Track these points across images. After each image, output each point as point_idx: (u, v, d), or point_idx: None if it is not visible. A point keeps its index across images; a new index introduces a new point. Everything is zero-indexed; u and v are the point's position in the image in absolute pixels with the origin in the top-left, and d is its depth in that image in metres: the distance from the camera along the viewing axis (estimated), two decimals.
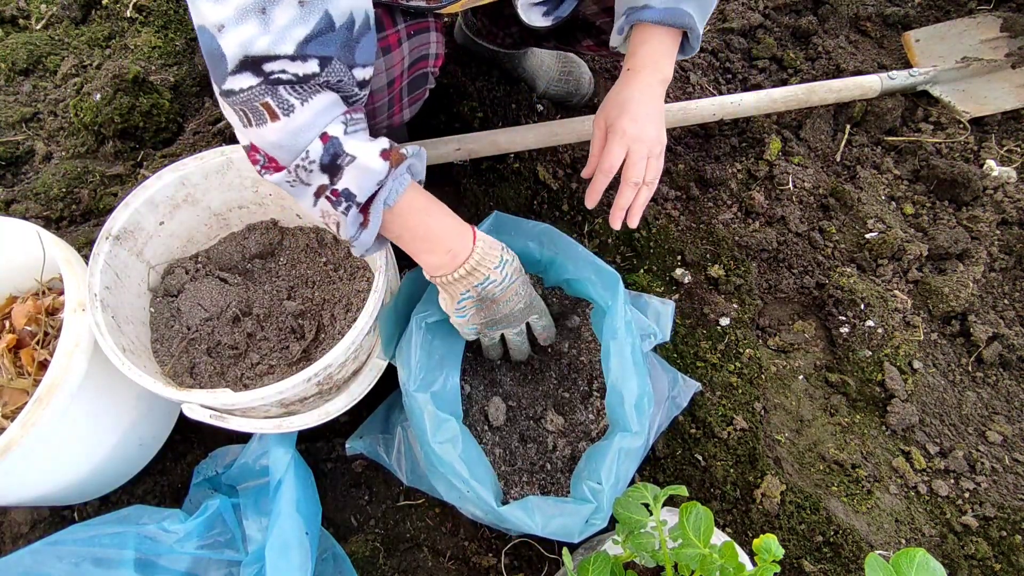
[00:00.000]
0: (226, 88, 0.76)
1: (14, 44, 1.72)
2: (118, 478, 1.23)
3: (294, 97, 0.77)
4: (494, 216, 1.22)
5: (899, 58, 1.87)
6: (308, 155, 0.81)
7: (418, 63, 1.12)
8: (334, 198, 0.85)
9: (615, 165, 1.02)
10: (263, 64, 0.74)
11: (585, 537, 0.99)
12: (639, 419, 1.03)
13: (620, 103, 1.02)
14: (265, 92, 0.76)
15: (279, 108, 0.77)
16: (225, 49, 0.73)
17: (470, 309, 1.03)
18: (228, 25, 0.71)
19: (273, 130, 0.79)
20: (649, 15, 1.00)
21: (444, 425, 1.02)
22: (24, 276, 1.22)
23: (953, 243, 1.54)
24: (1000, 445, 1.36)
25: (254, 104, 0.77)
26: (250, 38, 0.72)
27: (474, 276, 0.98)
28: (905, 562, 0.74)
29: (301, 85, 0.77)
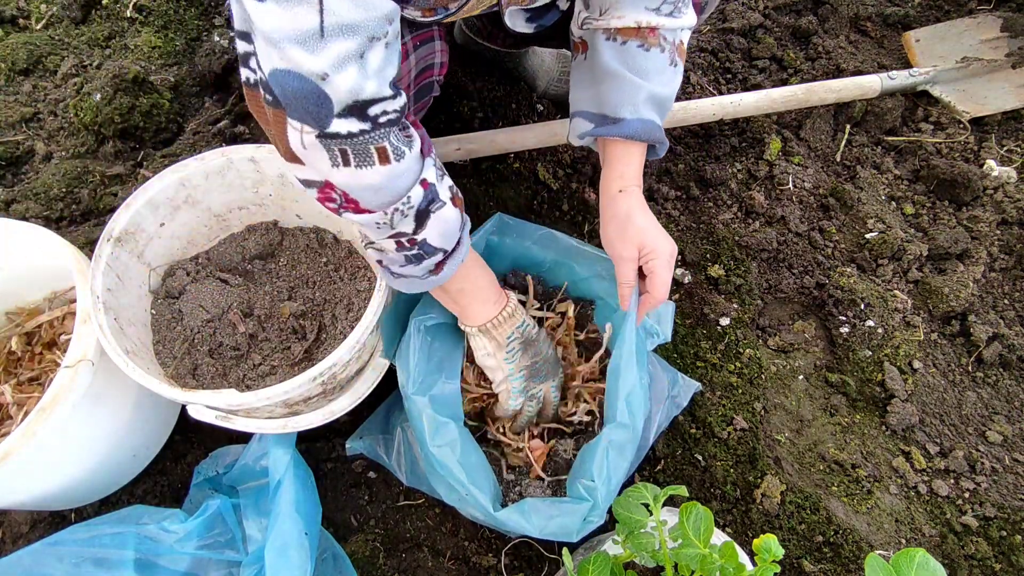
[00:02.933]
0: (332, 131, 0.74)
1: (14, 44, 1.72)
2: (110, 486, 1.23)
3: (403, 144, 0.79)
4: (496, 218, 1.22)
5: (899, 58, 1.87)
6: (409, 200, 0.83)
7: (424, 73, 1.13)
8: (408, 245, 0.88)
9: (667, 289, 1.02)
10: (368, 108, 0.74)
11: (584, 535, 0.99)
12: (629, 411, 1.02)
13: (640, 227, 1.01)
14: (382, 136, 0.77)
15: (393, 153, 0.78)
16: (333, 95, 0.72)
17: (518, 352, 1.09)
18: (331, 73, 0.70)
19: (377, 173, 0.79)
20: (625, 130, 0.99)
21: (443, 429, 1.02)
22: (30, 282, 1.22)
23: (953, 243, 1.54)
24: (1000, 445, 1.36)
25: (367, 147, 0.77)
26: (357, 84, 0.72)
27: (515, 318, 1.07)
28: (905, 562, 0.74)
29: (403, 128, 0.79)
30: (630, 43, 0.98)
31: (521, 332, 1.08)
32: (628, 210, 1.02)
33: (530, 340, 1.10)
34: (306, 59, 0.69)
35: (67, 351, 0.99)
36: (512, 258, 1.26)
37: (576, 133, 1.07)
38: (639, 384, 1.04)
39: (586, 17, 1.03)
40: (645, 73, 0.99)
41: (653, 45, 0.98)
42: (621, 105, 0.99)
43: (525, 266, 1.27)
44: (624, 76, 0.98)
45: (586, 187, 1.59)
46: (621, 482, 1.01)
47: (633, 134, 0.99)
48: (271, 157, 1.18)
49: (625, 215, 1.02)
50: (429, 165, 0.84)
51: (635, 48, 0.98)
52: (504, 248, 1.24)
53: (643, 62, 0.99)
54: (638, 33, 0.98)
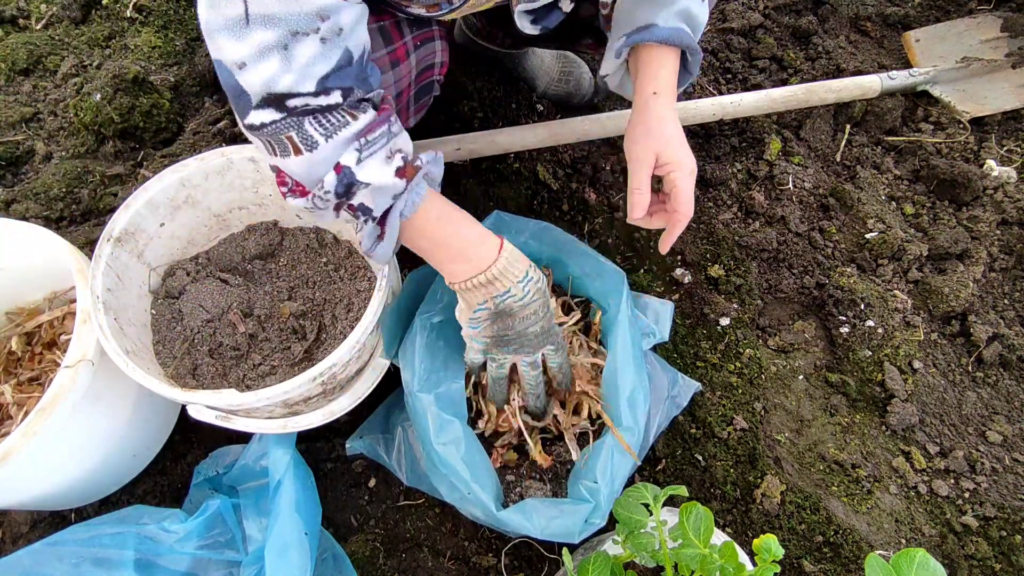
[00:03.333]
0: (249, 122, 0.77)
1: (14, 44, 1.72)
2: (110, 486, 1.23)
3: (319, 133, 0.78)
4: (494, 215, 1.22)
5: (899, 58, 1.87)
6: (323, 185, 0.82)
7: (425, 72, 1.13)
8: (351, 212, 0.87)
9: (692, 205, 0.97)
10: (286, 100, 0.75)
11: (585, 537, 0.99)
12: (632, 414, 1.02)
13: (666, 135, 0.97)
14: (290, 125, 0.77)
15: (302, 143, 0.79)
16: (247, 87, 0.73)
17: (484, 321, 1.00)
18: (249, 63, 0.71)
19: (296, 163, 0.80)
20: (658, 35, 0.96)
21: (447, 427, 1.02)
22: (30, 282, 1.22)
23: (953, 243, 1.54)
24: (1000, 445, 1.36)
25: (279, 137, 0.78)
26: (273, 76, 0.72)
27: (494, 286, 0.95)
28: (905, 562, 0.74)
29: (326, 115, 0.78)
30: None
31: (496, 303, 0.96)
32: (660, 115, 0.97)
33: (506, 312, 0.98)
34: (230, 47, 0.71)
35: (67, 351, 0.99)
36: None
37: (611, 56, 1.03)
38: (639, 386, 1.04)
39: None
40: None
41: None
42: (653, 16, 0.97)
43: None
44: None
45: (586, 187, 1.59)
46: (623, 484, 1.01)
47: (665, 38, 0.96)
48: None
49: (656, 119, 0.97)
50: (351, 149, 0.81)
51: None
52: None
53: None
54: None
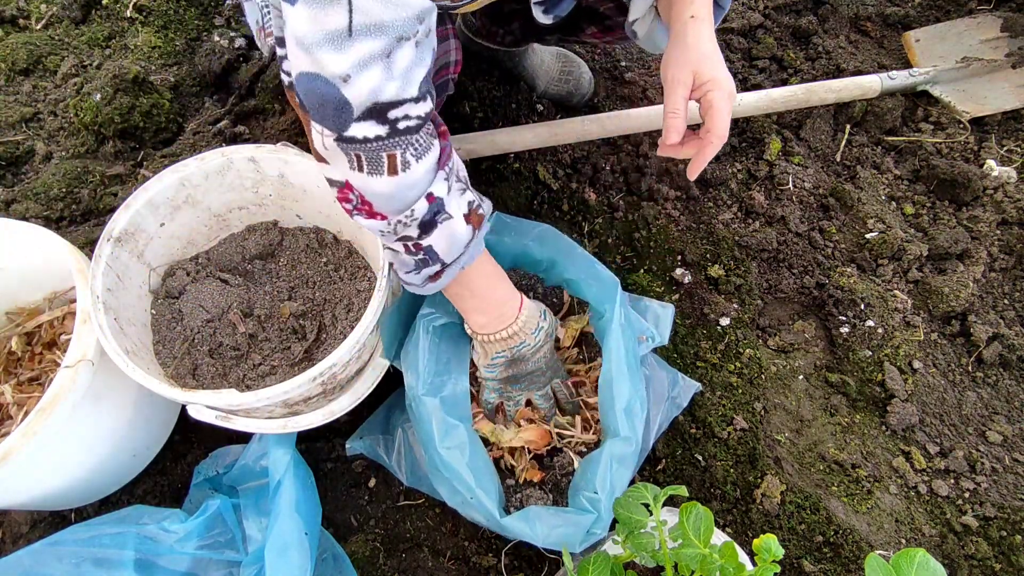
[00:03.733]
0: (349, 135, 0.74)
1: (14, 44, 1.72)
2: (110, 486, 1.23)
3: (412, 155, 0.78)
4: (494, 217, 1.22)
5: (899, 58, 1.87)
6: (413, 213, 0.83)
7: (441, 71, 1.14)
8: (417, 253, 0.89)
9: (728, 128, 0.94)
10: (389, 111, 0.73)
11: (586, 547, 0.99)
12: (629, 424, 1.02)
13: (704, 53, 0.93)
14: (395, 145, 0.76)
15: (401, 164, 0.78)
16: (352, 98, 0.71)
17: (500, 366, 1.11)
18: (354, 74, 0.69)
19: (386, 183, 0.79)
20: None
21: (453, 431, 1.02)
22: (30, 282, 1.22)
23: (953, 243, 1.54)
24: (1000, 445, 1.36)
25: (378, 155, 0.76)
26: (379, 85, 0.71)
27: (513, 340, 1.06)
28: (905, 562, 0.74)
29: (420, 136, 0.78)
30: None
31: (512, 352, 1.08)
32: (698, 34, 0.94)
33: (520, 359, 1.10)
34: (331, 60, 0.68)
35: (67, 351, 0.99)
36: (511, 257, 1.26)
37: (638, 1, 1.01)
38: (635, 394, 1.04)
39: None
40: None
41: None
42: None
43: (524, 265, 1.27)
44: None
45: (586, 187, 1.59)
46: (623, 491, 1.01)
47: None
48: (271, 157, 1.18)
49: (694, 38, 0.94)
50: (440, 179, 0.84)
51: None
52: (503, 247, 1.24)
53: None
54: None
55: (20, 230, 1.11)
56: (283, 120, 1.61)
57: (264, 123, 1.64)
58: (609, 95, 1.74)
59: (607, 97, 1.74)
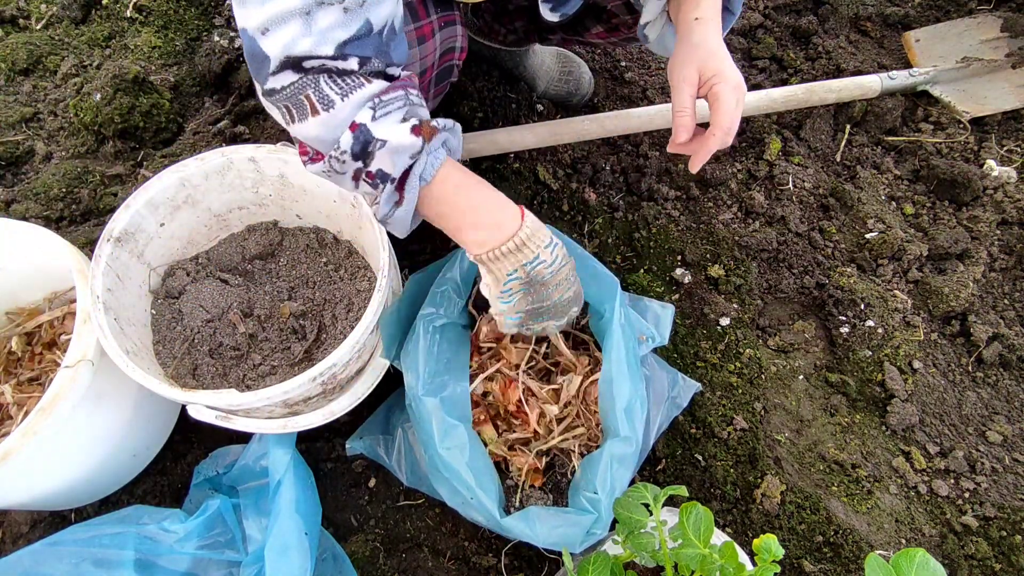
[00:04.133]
0: (268, 87, 0.78)
1: (14, 44, 1.72)
2: (110, 486, 1.23)
3: (334, 92, 0.78)
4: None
5: (899, 58, 1.87)
6: (339, 146, 0.81)
7: (446, 55, 1.14)
8: (370, 180, 0.85)
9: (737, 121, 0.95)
10: (303, 62, 0.76)
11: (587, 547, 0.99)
12: (630, 424, 1.02)
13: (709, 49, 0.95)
14: (307, 84, 0.78)
15: (319, 102, 0.79)
16: (268, 50, 0.75)
17: (517, 293, 0.93)
18: (272, 28, 0.73)
19: (313, 125, 0.80)
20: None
21: (453, 431, 1.02)
22: (30, 282, 1.22)
23: (953, 243, 1.54)
24: (1000, 445, 1.36)
25: (298, 98, 0.78)
26: (292, 39, 0.74)
27: (523, 253, 0.90)
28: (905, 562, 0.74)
29: (342, 77, 0.78)
30: None
31: (527, 271, 0.90)
32: (703, 35, 0.96)
33: (538, 282, 0.92)
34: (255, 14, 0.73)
35: (67, 351, 0.99)
36: None
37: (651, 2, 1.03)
38: (635, 394, 1.04)
39: None
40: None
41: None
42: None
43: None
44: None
45: (586, 187, 1.59)
46: (623, 491, 1.01)
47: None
48: (271, 157, 1.18)
49: (700, 37, 0.96)
50: (366, 108, 0.80)
51: None
52: None
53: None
54: None
55: (20, 230, 1.11)
56: None
57: (264, 123, 1.64)
58: (609, 95, 1.75)
59: (607, 97, 1.74)
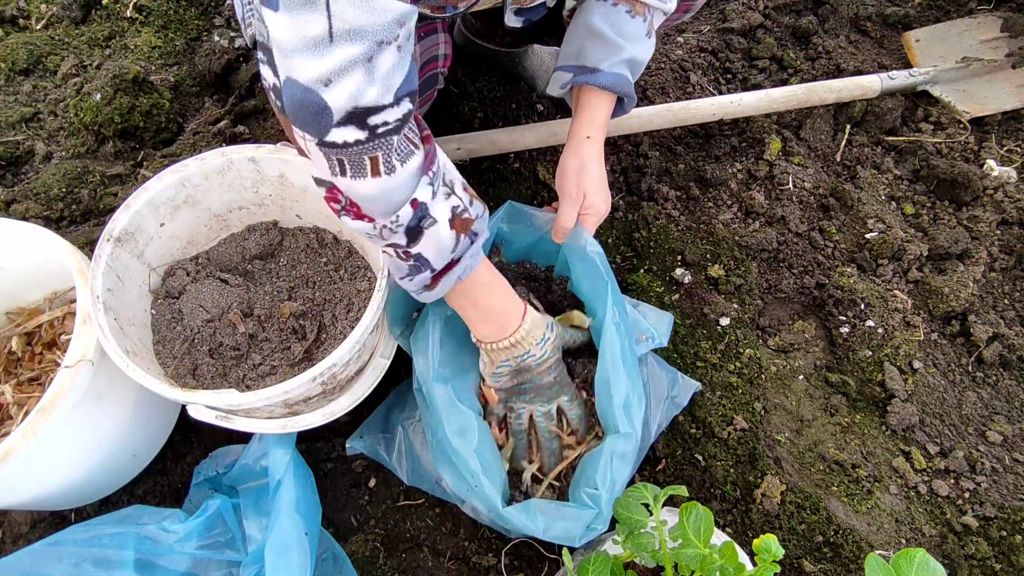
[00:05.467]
0: (329, 140, 0.75)
1: (14, 44, 1.72)
2: (110, 486, 1.23)
3: (396, 158, 0.79)
4: (507, 206, 1.23)
5: (899, 58, 1.87)
6: (398, 219, 0.83)
7: (428, 64, 1.15)
8: (405, 258, 0.90)
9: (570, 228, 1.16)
10: (368, 116, 0.74)
11: (586, 541, 0.99)
12: (628, 420, 1.03)
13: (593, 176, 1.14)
14: (376, 147, 0.77)
15: (384, 166, 0.79)
16: (332, 102, 0.71)
17: (505, 375, 1.11)
18: (335, 79, 0.70)
19: (371, 185, 0.80)
20: (601, 80, 1.09)
21: (461, 416, 1.03)
22: (30, 282, 1.22)
23: (953, 243, 1.54)
24: (1000, 445, 1.36)
25: (361, 158, 0.77)
26: (358, 89, 0.71)
27: (516, 348, 1.06)
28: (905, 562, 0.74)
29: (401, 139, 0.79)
30: (620, 6, 1.07)
31: (518, 361, 1.08)
32: (589, 158, 1.13)
33: (524, 369, 1.10)
34: (312, 65, 0.69)
35: (67, 351, 0.99)
36: (524, 246, 1.27)
37: (557, 85, 1.15)
38: (633, 391, 1.04)
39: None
40: (628, 36, 1.08)
41: (638, 14, 1.07)
42: (601, 60, 1.09)
43: (535, 255, 1.28)
44: (608, 36, 1.07)
45: None
46: (624, 487, 1.01)
47: (608, 85, 1.09)
48: (271, 157, 1.18)
49: (587, 159, 1.14)
50: (424, 183, 0.84)
51: (623, 12, 1.07)
52: (515, 236, 1.25)
53: (627, 26, 1.07)
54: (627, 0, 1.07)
55: (20, 230, 1.11)
56: None
57: (264, 123, 1.64)
58: None
59: None
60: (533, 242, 1.26)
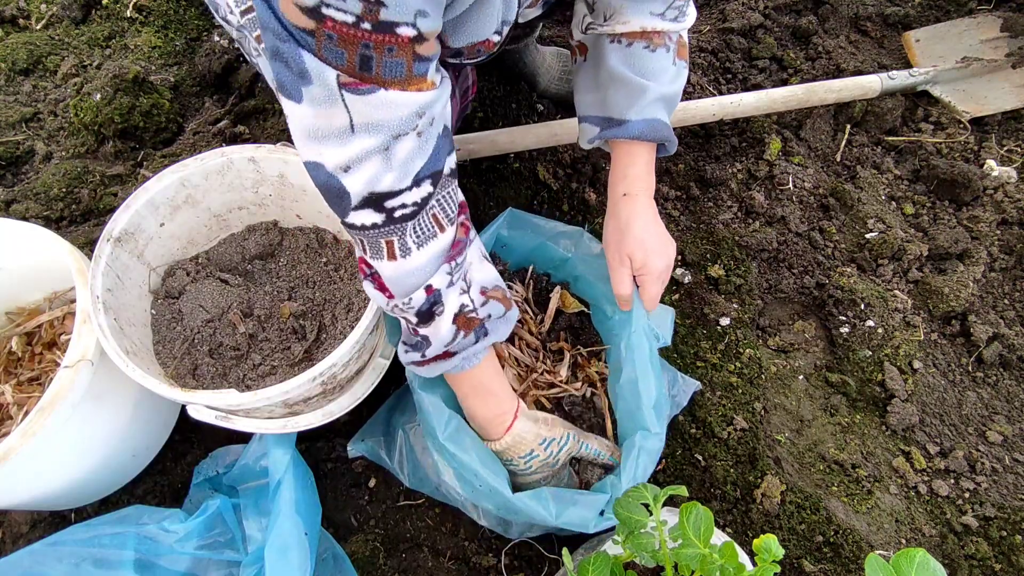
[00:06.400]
0: (349, 221, 0.79)
1: (14, 44, 1.72)
2: (110, 486, 1.23)
3: (413, 241, 0.81)
4: (508, 212, 1.22)
5: (899, 58, 1.87)
6: (411, 301, 0.85)
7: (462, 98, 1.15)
8: (412, 333, 0.92)
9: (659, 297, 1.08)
10: (385, 201, 0.77)
11: (600, 530, 0.99)
12: (659, 421, 1.04)
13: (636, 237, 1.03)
14: (391, 232, 0.80)
15: (399, 250, 0.81)
16: (350, 187, 0.75)
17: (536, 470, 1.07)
18: (353, 166, 0.73)
19: (387, 267, 0.83)
20: (631, 131, 1.00)
21: (452, 421, 1.03)
22: (30, 282, 1.22)
23: (953, 243, 1.54)
24: (1000, 445, 1.36)
25: (377, 241, 0.81)
26: (375, 176, 0.74)
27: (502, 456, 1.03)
28: (905, 562, 0.74)
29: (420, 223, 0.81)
30: (636, 45, 0.99)
31: (525, 462, 1.03)
32: (628, 216, 1.04)
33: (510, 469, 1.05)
34: (334, 153, 0.73)
35: (67, 351, 0.99)
36: (524, 253, 1.27)
37: (585, 138, 1.08)
38: (660, 392, 1.06)
39: (590, 23, 1.03)
40: (651, 74, 1.00)
41: (659, 46, 0.99)
42: (627, 108, 1.00)
43: (537, 261, 1.28)
44: (630, 80, 0.99)
45: (586, 187, 1.59)
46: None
47: (639, 134, 1.00)
48: (271, 157, 1.18)
49: (625, 222, 1.04)
50: (443, 271, 0.85)
51: (641, 50, 0.99)
52: (516, 242, 1.25)
53: (649, 63, 0.99)
54: (643, 35, 0.98)
55: (20, 230, 1.11)
56: (283, 120, 1.61)
57: (264, 123, 1.64)
58: None
59: None
60: (534, 248, 1.26)
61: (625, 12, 0.98)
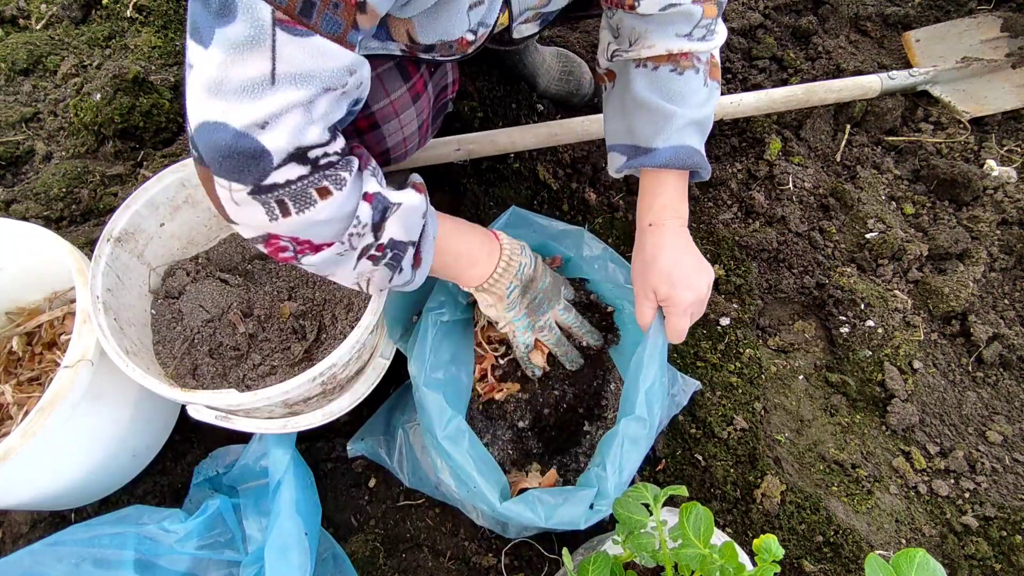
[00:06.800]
0: (268, 183, 0.71)
1: (14, 44, 1.72)
2: (110, 486, 1.23)
3: (343, 170, 0.76)
4: (511, 211, 1.22)
5: (899, 58, 1.87)
6: (359, 220, 0.79)
7: (440, 95, 1.13)
8: (378, 253, 0.84)
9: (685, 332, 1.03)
10: (309, 152, 0.72)
11: (593, 523, 0.99)
12: (648, 405, 1.03)
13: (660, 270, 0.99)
14: (322, 177, 0.74)
15: (334, 185, 0.75)
16: (270, 145, 0.68)
17: (517, 299, 1.05)
18: (272, 121, 0.67)
19: (322, 209, 0.76)
20: (657, 160, 0.96)
21: (452, 421, 1.03)
22: (30, 282, 1.22)
23: (953, 243, 1.54)
24: (1000, 445, 1.36)
25: (306, 191, 0.74)
26: (298, 128, 0.69)
27: (512, 265, 1.02)
28: (905, 562, 0.74)
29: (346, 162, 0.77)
30: (662, 68, 0.96)
31: (520, 279, 1.04)
32: (654, 248, 1.00)
33: (528, 281, 1.05)
34: (246, 109, 0.66)
35: (67, 351, 0.99)
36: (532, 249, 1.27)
37: (613, 167, 1.06)
38: (659, 381, 1.05)
39: (615, 49, 1.01)
40: (679, 98, 0.96)
41: (687, 68, 0.96)
42: (653, 135, 0.97)
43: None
44: (656, 106, 0.96)
45: (586, 187, 1.59)
46: (632, 474, 1.01)
47: (666, 163, 0.97)
48: None
49: (650, 254, 1.00)
50: (368, 177, 0.81)
51: (668, 73, 0.96)
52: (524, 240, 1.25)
53: (677, 87, 0.96)
54: (670, 58, 0.95)
55: (20, 230, 1.11)
56: None
57: None
58: None
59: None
60: (537, 247, 1.26)
61: (650, 36, 0.95)
